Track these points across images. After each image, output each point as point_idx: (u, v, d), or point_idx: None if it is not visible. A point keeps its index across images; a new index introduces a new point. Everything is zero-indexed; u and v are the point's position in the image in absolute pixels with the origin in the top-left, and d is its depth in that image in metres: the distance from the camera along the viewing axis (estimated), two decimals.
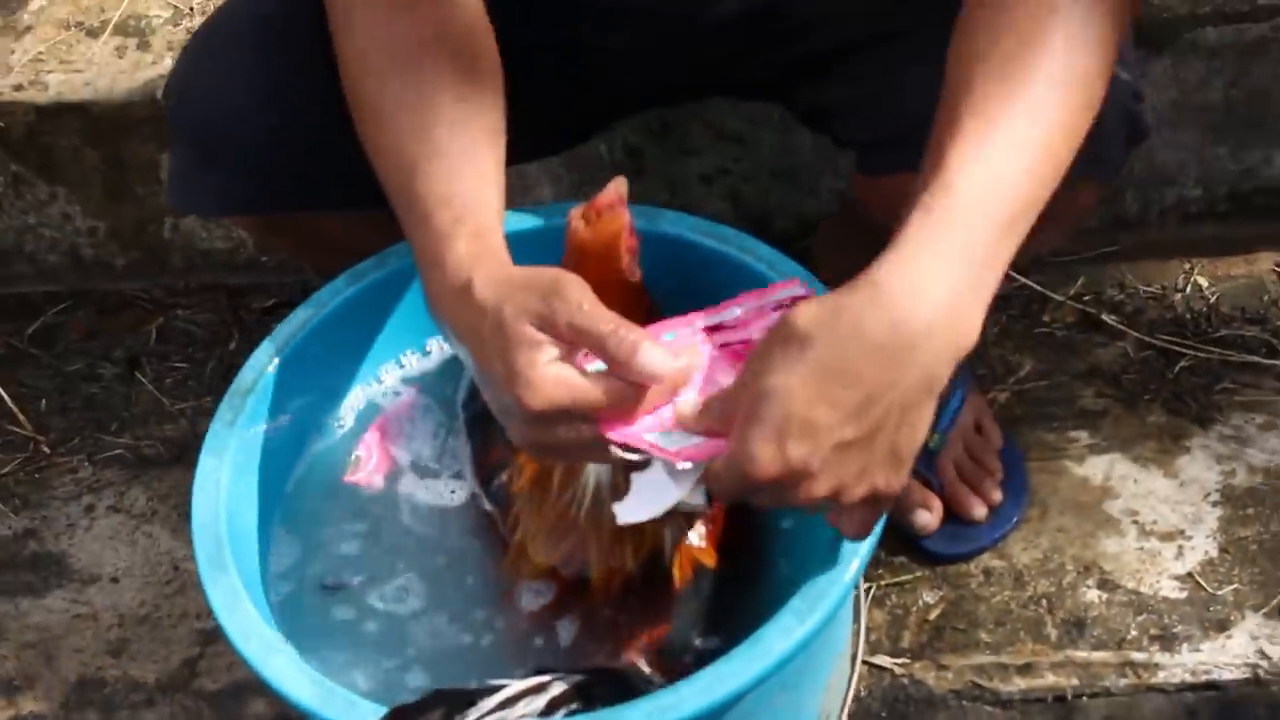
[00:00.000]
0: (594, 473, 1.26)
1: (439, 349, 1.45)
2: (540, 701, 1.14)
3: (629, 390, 1.07)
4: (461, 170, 1.20)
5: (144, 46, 2.07)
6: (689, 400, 1.09)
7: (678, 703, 1.09)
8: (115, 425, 2.03)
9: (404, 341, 1.43)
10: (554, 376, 1.06)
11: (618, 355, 1.06)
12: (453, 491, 1.38)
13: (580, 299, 1.07)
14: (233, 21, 1.45)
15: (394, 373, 1.44)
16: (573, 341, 1.07)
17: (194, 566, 1.76)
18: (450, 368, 1.44)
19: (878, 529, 1.15)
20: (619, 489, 1.25)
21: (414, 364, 1.44)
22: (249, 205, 1.47)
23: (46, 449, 2.01)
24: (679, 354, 1.09)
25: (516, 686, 1.14)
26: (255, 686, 1.65)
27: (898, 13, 1.36)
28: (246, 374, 1.32)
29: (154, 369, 2.10)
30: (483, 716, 1.11)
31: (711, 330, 1.16)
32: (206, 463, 1.27)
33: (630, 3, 1.42)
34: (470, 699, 1.11)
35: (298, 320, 1.35)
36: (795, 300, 1.18)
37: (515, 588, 1.32)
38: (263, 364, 1.32)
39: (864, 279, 1.04)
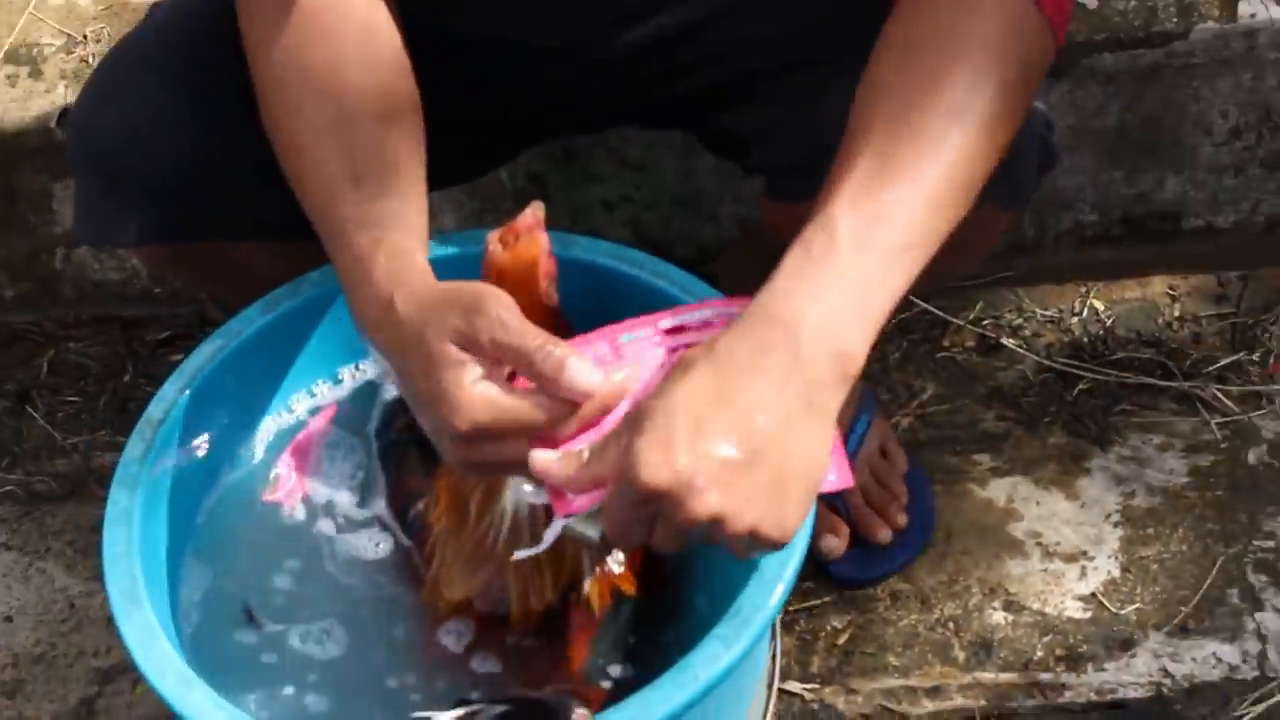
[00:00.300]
0: (512, 501, 1.25)
1: (351, 377, 1.43)
2: None
3: (558, 406, 1.07)
4: (382, 192, 1.19)
5: (36, 75, 2.03)
6: (546, 456, 1.08)
7: None
8: (6, 461, 1.99)
9: (316, 370, 1.42)
10: (478, 396, 1.06)
11: (544, 372, 1.06)
12: (377, 544, 1.36)
13: (503, 315, 1.06)
14: (138, 51, 1.43)
15: (305, 402, 1.42)
16: (497, 359, 1.06)
17: (90, 603, 1.77)
18: (363, 396, 1.42)
19: (800, 560, 1.15)
20: (537, 517, 1.25)
21: (325, 393, 1.43)
22: (161, 236, 1.44)
23: None
24: (615, 369, 1.09)
25: (443, 718, 1.12)
26: None
27: (810, 43, 1.37)
28: (156, 405, 1.29)
29: (45, 403, 2.06)
30: None
31: (673, 331, 1.16)
32: (117, 496, 1.24)
33: (528, 38, 1.42)
34: None
35: (209, 350, 1.32)
36: None
37: (436, 626, 1.30)
38: (173, 395, 1.30)
39: (745, 308, 1.07)
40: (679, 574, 1.33)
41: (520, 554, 1.18)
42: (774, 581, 1.16)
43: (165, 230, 1.42)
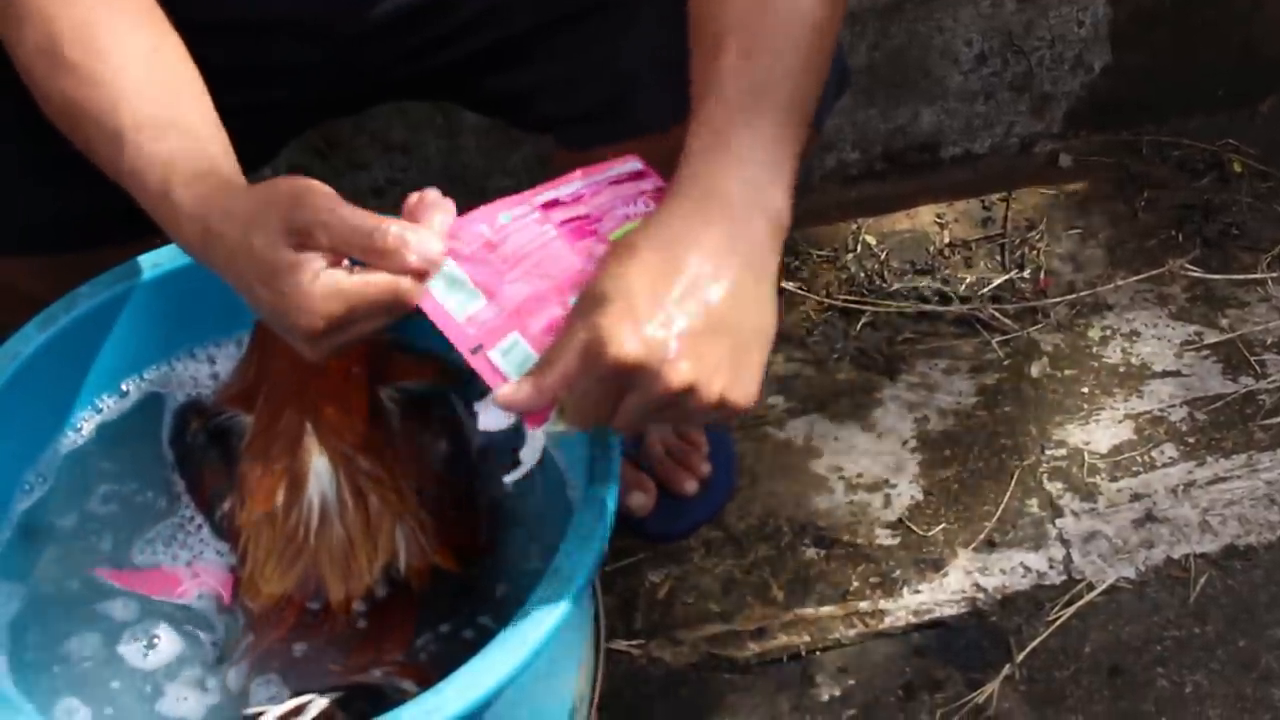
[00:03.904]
0: (317, 490, 1.24)
1: (135, 389, 1.39)
2: None
3: (404, 277, 1.04)
4: (165, 129, 1.15)
5: None
6: (506, 390, 1.06)
7: (441, 705, 1.06)
8: None
9: (99, 385, 1.37)
10: (322, 291, 1.02)
11: (385, 248, 1.02)
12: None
13: (325, 203, 1.03)
14: None
15: (93, 420, 1.37)
16: (334, 250, 1.03)
17: None
18: (149, 406, 1.39)
19: (613, 514, 1.15)
20: (345, 504, 1.24)
21: (111, 407, 1.38)
22: None
23: None
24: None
25: (275, 711, 1.10)
26: None
27: None
28: None
29: None
30: None
31: (549, 206, 1.15)
32: None
33: (269, 18, 1.39)
34: None
35: None
36: (635, 175, 1.20)
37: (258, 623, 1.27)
38: None
39: (668, 193, 1.08)
40: (497, 544, 1.32)
41: (510, 477, 1.15)
42: (590, 540, 1.15)
43: None
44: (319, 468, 1.25)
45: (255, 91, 1.44)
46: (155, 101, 1.17)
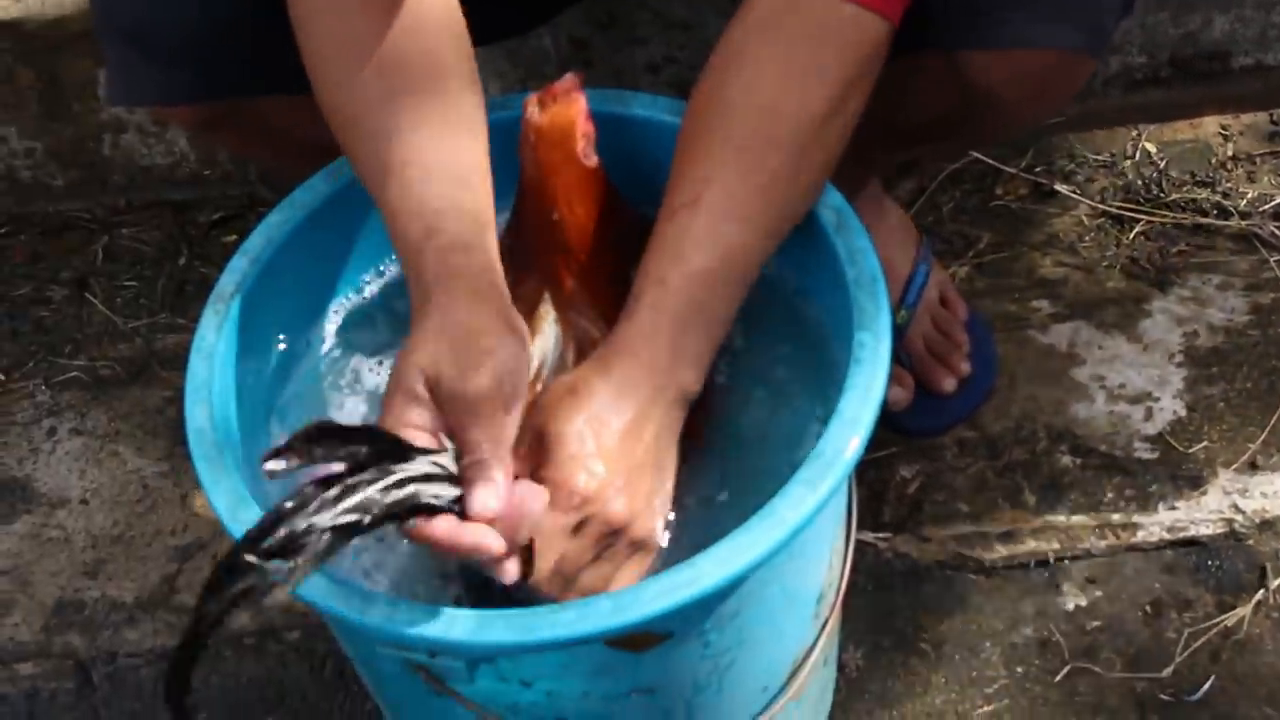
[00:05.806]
0: (540, 350, 1.24)
1: None
2: None
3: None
4: (433, 174, 1.15)
5: None
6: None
7: (696, 576, 1.08)
8: (69, 348, 2.00)
9: (385, 247, 1.39)
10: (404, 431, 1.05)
11: (463, 471, 1.05)
12: None
13: (482, 408, 1.05)
14: None
15: (376, 282, 1.39)
16: (442, 421, 1.06)
17: (164, 484, 1.78)
18: None
19: (880, 400, 1.15)
20: (565, 368, 1.25)
21: (394, 271, 1.40)
22: (192, 93, 1.39)
23: (0, 375, 1.98)
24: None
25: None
26: None
27: None
28: (228, 278, 1.25)
29: (103, 289, 2.07)
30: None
31: None
32: (195, 368, 1.21)
33: None
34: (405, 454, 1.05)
35: (276, 220, 1.30)
36: None
37: None
38: (242, 269, 1.26)
39: (598, 355, 1.16)
40: (721, 433, 1.32)
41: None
42: (854, 428, 1.15)
43: (199, 87, 1.38)
44: (547, 331, 1.26)
45: None
46: (430, 140, 1.17)
